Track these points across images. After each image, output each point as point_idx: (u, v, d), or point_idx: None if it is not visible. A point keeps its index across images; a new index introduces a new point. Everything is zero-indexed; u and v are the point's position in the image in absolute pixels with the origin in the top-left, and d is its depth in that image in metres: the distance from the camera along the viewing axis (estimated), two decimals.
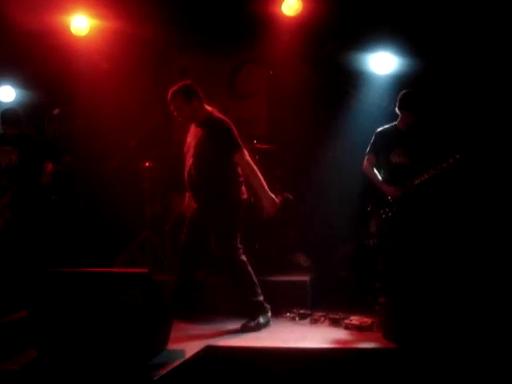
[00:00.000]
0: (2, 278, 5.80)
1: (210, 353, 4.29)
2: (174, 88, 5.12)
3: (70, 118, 8.16)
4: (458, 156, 5.19)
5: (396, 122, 5.60)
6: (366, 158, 5.70)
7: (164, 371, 3.67)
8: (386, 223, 5.50)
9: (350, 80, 7.03)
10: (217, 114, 5.19)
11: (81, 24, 6.99)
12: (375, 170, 5.66)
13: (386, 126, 5.65)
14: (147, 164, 7.00)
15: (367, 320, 4.94)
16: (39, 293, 4.06)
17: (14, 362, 3.89)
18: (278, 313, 5.37)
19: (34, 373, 3.73)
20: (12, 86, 7.64)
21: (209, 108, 5.20)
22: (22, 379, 3.69)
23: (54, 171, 6.04)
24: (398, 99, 5.54)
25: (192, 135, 5.25)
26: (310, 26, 6.79)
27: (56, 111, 8.15)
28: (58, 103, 8.11)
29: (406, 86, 5.77)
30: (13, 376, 3.71)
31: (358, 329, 4.84)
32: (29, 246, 6.13)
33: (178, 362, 3.91)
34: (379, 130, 5.66)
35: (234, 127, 5.11)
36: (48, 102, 7.97)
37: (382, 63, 6.83)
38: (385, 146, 5.58)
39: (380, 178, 5.62)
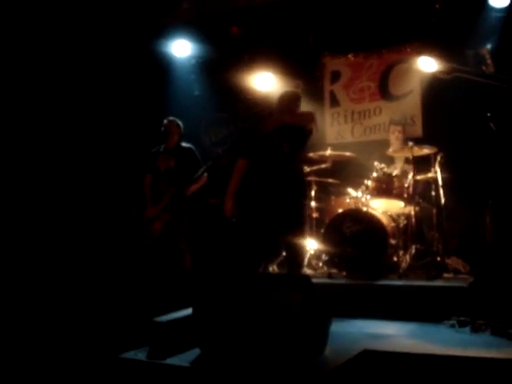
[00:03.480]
0: (165, 278, 6.12)
1: (367, 357, 4.27)
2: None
3: (224, 124, 8.45)
4: None
5: None
6: None
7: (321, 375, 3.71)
8: None
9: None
10: None
11: None
12: None
13: None
14: None
15: None
16: (203, 293, 4.25)
17: (181, 359, 4.11)
18: (436, 319, 5.24)
19: (204, 370, 3.90)
20: None
21: None
22: (193, 376, 3.88)
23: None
24: None
25: None
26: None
27: None
28: None
29: None
30: (184, 372, 3.91)
31: None
32: (188, 247, 6.41)
33: (334, 366, 3.92)
34: None
35: None
36: None
37: None
38: None
39: None
